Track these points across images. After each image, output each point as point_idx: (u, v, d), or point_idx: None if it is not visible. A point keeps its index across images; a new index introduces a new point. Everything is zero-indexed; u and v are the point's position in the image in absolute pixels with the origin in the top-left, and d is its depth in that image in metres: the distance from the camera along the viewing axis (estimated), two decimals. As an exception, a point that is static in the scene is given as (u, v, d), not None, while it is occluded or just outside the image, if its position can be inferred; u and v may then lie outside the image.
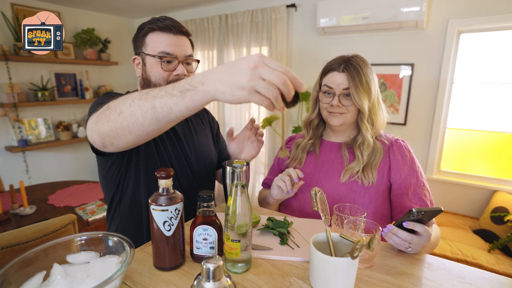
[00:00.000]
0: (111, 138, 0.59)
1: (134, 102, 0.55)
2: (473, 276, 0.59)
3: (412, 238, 0.63)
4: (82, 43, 2.99)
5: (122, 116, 0.56)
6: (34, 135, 2.83)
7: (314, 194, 0.75)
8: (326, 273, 0.52)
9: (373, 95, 0.88)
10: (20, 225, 1.52)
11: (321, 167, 0.95)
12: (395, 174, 0.87)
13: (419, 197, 0.85)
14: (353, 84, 0.85)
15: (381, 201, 0.87)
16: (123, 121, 0.56)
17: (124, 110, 0.56)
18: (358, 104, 0.85)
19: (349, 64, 0.87)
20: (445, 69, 2.04)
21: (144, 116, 0.54)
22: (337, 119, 0.89)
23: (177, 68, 0.82)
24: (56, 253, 0.55)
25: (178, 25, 0.83)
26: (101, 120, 0.59)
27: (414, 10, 1.92)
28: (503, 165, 2.09)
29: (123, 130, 0.57)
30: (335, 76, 0.88)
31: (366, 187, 0.87)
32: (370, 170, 0.87)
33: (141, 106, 0.54)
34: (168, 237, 0.58)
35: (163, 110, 0.53)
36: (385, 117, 0.93)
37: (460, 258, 1.65)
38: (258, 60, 0.45)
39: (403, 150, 0.90)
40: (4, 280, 0.47)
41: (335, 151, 0.96)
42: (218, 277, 0.42)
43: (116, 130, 0.57)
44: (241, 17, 2.73)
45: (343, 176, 0.89)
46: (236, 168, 0.56)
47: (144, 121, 0.55)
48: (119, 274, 0.47)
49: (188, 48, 0.85)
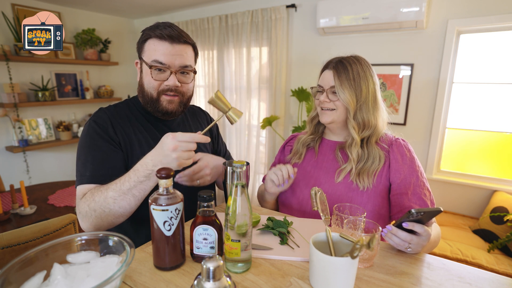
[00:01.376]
0: (109, 225, 0.75)
1: (116, 200, 0.71)
2: (473, 276, 0.59)
3: (412, 238, 0.63)
4: (82, 43, 2.99)
5: (113, 212, 0.72)
6: (35, 135, 2.83)
7: (314, 194, 0.75)
8: (326, 273, 0.52)
9: (364, 94, 0.87)
10: (20, 225, 1.52)
11: (320, 165, 0.96)
12: (394, 173, 0.87)
13: (418, 196, 0.84)
14: (338, 80, 0.87)
15: (380, 201, 0.86)
16: (115, 213, 0.72)
17: (112, 207, 0.71)
18: (342, 99, 0.87)
19: (339, 62, 0.89)
20: (444, 69, 2.04)
21: (129, 204, 0.72)
22: (326, 116, 0.91)
23: (168, 78, 0.81)
24: (57, 253, 0.55)
25: (177, 34, 0.80)
26: (94, 221, 0.73)
27: (414, 11, 1.93)
28: (503, 165, 2.09)
29: (118, 218, 0.74)
30: (325, 73, 0.92)
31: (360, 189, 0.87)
32: (366, 175, 0.86)
33: (124, 199, 0.71)
34: (168, 237, 0.58)
35: (140, 193, 0.72)
36: (384, 119, 0.93)
37: (459, 258, 1.65)
38: (173, 142, 0.67)
39: (403, 150, 0.90)
40: (4, 280, 0.47)
41: (333, 150, 0.97)
42: (218, 277, 0.42)
43: (113, 220, 0.74)
44: (241, 17, 2.74)
45: (337, 176, 0.90)
46: (236, 168, 0.57)
47: (130, 206, 0.73)
48: (119, 274, 0.47)
49: (186, 58, 0.82)
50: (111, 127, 0.82)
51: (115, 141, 0.81)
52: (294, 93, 2.49)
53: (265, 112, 2.84)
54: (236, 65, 2.89)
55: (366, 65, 0.89)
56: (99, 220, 0.72)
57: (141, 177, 0.69)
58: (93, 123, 0.82)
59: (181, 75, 0.83)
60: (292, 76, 2.68)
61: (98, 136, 0.80)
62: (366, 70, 0.89)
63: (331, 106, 0.90)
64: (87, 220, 0.73)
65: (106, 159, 0.78)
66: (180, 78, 0.83)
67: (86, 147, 0.80)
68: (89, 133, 0.81)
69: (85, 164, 0.78)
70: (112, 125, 0.83)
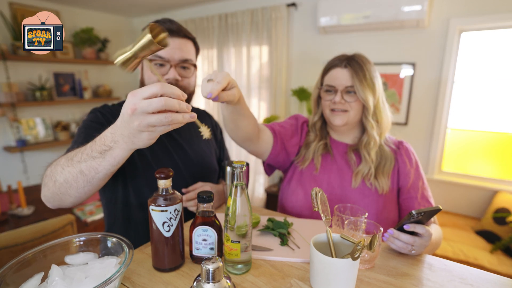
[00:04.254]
0: (56, 201, 0.63)
1: (64, 169, 0.58)
2: (475, 277, 0.59)
3: (415, 240, 0.63)
4: (81, 42, 2.98)
5: (58, 184, 0.59)
6: (33, 135, 2.82)
7: (314, 195, 0.74)
8: (327, 274, 0.52)
9: (377, 93, 0.86)
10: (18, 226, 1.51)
11: (330, 168, 0.91)
12: (404, 177, 0.86)
13: (426, 199, 0.85)
14: (357, 79, 0.83)
15: (393, 207, 0.86)
16: (60, 187, 0.59)
17: (58, 178, 0.59)
18: (362, 98, 0.83)
19: (352, 60, 0.86)
20: (446, 68, 2.03)
21: (76, 180, 0.57)
22: (340, 118, 0.86)
23: (168, 72, 0.80)
24: (55, 254, 0.55)
25: (177, 28, 0.80)
26: (43, 188, 0.62)
27: (415, 9, 1.92)
28: (505, 165, 2.08)
29: (63, 195, 0.60)
30: (337, 72, 0.86)
31: (379, 193, 0.84)
32: (382, 176, 0.84)
33: (70, 172, 0.57)
34: (167, 238, 0.57)
35: (90, 172, 0.56)
36: (390, 118, 0.91)
37: (461, 259, 1.64)
38: (131, 101, 0.46)
39: (409, 153, 0.89)
40: (1, 281, 0.46)
41: (342, 152, 0.92)
42: (218, 278, 0.42)
43: (58, 196, 0.61)
44: (241, 16, 2.73)
45: (354, 181, 0.86)
46: (236, 168, 0.56)
47: (78, 185, 0.58)
48: (118, 275, 0.46)
49: (186, 53, 0.82)
50: (113, 120, 0.82)
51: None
52: (295, 93, 2.48)
53: (265, 111, 2.83)
54: (236, 64, 2.88)
55: (373, 64, 0.88)
56: (46, 190, 0.62)
57: (95, 151, 0.54)
58: (97, 112, 0.83)
59: (181, 69, 0.83)
60: (293, 76, 2.67)
61: (97, 123, 0.80)
62: (375, 69, 0.87)
63: (346, 107, 0.85)
64: (42, 188, 0.64)
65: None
66: (181, 72, 0.82)
67: (82, 127, 0.79)
68: (89, 118, 0.81)
69: (76, 140, 0.76)
70: (115, 119, 0.82)
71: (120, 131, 0.50)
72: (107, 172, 0.56)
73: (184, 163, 0.89)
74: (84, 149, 0.56)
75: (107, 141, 0.53)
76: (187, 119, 0.48)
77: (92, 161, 0.55)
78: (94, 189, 0.61)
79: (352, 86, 0.84)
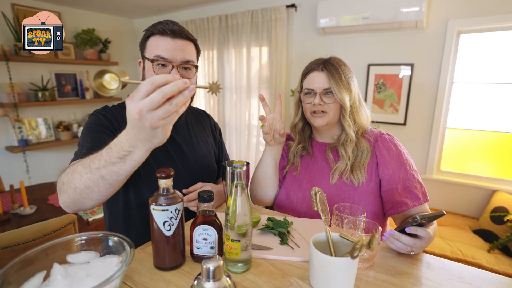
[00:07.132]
0: (77, 206, 0.65)
1: (82, 177, 0.60)
2: (473, 276, 0.59)
3: (415, 242, 0.63)
4: (82, 43, 2.99)
5: (78, 190, 0.61)
6: (35, 135, 2.83)
7: (314, 194, 0.75)
8: (326, 273, 0.52)
9: (354, 93, 0.90)
10: (20, 225, 1.52)
11: (311, 167, 0.96)
12: (383, 169, 0.87)
13: (409, 190, 0.84)
14: (334, 81, 0.87)
15: (372, 199, 0.87)
16: (81, 193, 0.61)
17: (78, 185, 0.60)
18: (339, 99, 0.87)
19: (327, 63, 0.90)
20: (444, 69, 2.04)
21: (97, 185, 0.60)
22: (320, 119, 0.90)
23: (170, 72, 0.80)
24: (56, 253, 0.55)
25: (179, 29, 0.81)
26: (63, 195, 0.64)
27: (414, 10, 1.93)
28: (503, 165, 2.09)
29: (84, 199, 0.62)
30: (315, 75, 0.90)
31: (355, 186, 0.87)
32: (358, 169, 0.88)
33: (91, 179, 0.59)
34: (168, 237, 0.58)
35: (111, 176, 0.58)
36: (368, 116, 0.95)
37: (460, 258, 1.65)
38: (133, 106, 0.48)
39: (388, 145, 0.90)
40: (4, 280, 0.47)
41: (323, 152, 0.97)
42: (218, 277, 0.42)
43: (79, 201, 0.63)
44: (241, 17, 2.74)
45: (332, 178, 0.90)
46: (236, 168, 0.57)
47: (99, 189, 0.60)
48: (119, 274, 0.47)
49: (188, 54, 0.83)
50: (116, 122, 0.83)
51: (116, 136, 0.81)
52: (294, 93, 2.49)
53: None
54: (236, 65, 2.89)
55: (348, 66, 0.92)
56: (66, 197, 0.64)
57: (113, 157, 0.56)
58: (100, 114, 0.83)
59: (183, 70, 0.83)
60: (292, 76, 2.68)
61: (101, 126, 0.81)
62: (350, 71, 0.91)
63: (325, 108, 0.89)
64: (60, 195, 0.66)
65: (105, 144, 0.77)
66: (182, 73, 0.83)
67: (87, 130, 0.80)
68: (93, 121, 0.82)
69: (82, 145, 0.77)
70: (117, 121, 0.84)
71: (136, 136, 0.52)
72: (128, 174, 0.59)
73: (183, 164, 0.90)
74: (101, 156, 0.58)
75: (125, 146, 0.54)
76: (188, 95, 0.49)
77: (112, 167, 0.57)
78: (115, 190, 0.63)
79: (330, 88, 0.88)
